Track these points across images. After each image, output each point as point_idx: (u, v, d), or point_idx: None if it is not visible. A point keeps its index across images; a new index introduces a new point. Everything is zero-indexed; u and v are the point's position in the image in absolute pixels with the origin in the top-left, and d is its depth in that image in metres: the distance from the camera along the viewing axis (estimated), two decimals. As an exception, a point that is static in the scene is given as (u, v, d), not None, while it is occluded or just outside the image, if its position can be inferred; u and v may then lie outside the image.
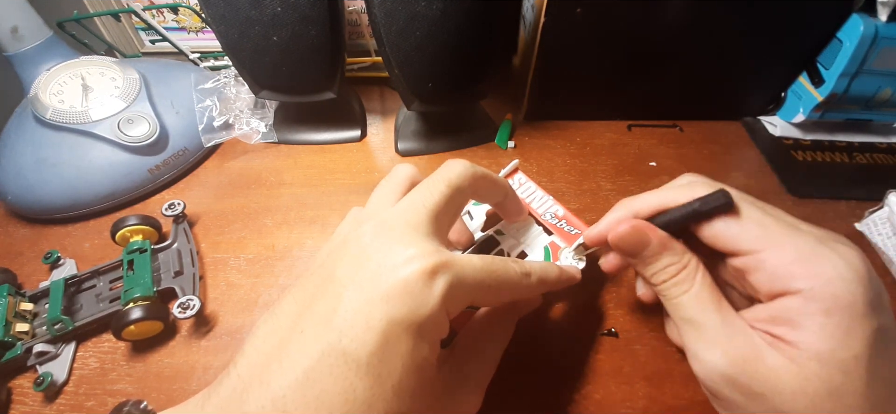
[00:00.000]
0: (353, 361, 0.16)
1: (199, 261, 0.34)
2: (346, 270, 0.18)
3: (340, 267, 0.18)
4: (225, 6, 0.34)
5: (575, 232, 0.29)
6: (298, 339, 0.17)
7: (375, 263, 0.17)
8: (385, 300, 0.16)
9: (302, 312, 0.18)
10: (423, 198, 0.20)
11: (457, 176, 0.21)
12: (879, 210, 0.34)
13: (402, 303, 0.16)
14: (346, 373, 0.16)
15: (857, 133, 0.45)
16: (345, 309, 0.16)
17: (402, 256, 0.17)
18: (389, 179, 0.23)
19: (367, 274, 0.17)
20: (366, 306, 0.16)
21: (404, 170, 0.24)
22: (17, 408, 0.27)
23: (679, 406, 0.27)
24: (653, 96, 0.45)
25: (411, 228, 0.19)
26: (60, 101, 0.37)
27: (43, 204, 0.36)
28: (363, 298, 0.17)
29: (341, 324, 0.16)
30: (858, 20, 0.37)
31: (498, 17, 0.35)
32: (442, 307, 0.17)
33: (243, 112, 0.44)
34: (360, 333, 0.16)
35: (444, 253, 0.18)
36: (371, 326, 0.16)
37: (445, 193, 0.20)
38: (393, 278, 0.17)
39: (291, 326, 0.17)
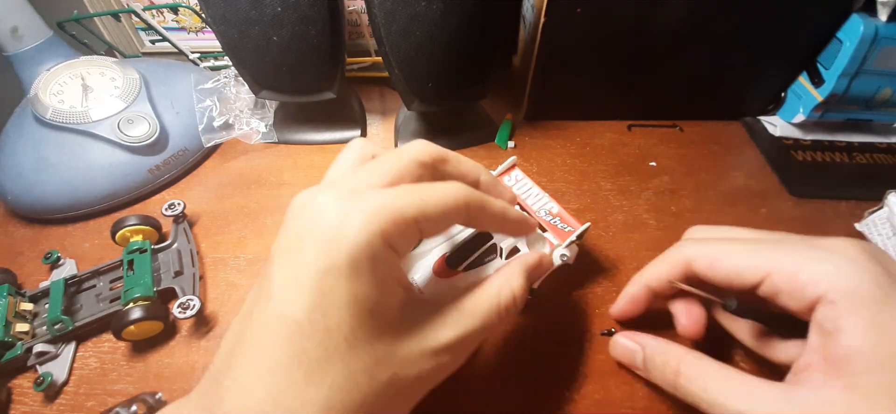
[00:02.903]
0: (294, 323, 0.16)
1: (199, 261, 0.34)
2: (275, 245, 0.18)
3: (275, 246, 0.18)
4: (225, 6, 0.34)
5: (568, 229, 0.29)
6: (248, 322, 0.17)
7: (298, 226, 0.17)
8: (308, 254, 0.16)
9: (255, 295, 0.18)
10: (374, 167, 0.19)
11: (417, 150, 0.20)
12: (879, 210, 0.34)
13: (323, 250, 0.16)
14: (291, 337, 0.16)
15: (857, 133, 0.45)
16: (277, 276, 0.16)
17: (316, 209, 0.17)
18: (342, 156, 0.22)
19: (287, 238, 0.17)
20: (292, 267, 0.16)
21: (357, 143, 0.22)
22: (17, 408, 0.27)
23: (679, 406, 0.27)
24: (653, 96, 0.45)
25: (346, 190, 0.18)
26: (60, 101, 0.37)
27: (43, 204, 0.36)
28: (289, 260, 0.17)
29: (276, 291, 0.16)
30: (858, 20, 0.37)
31: (498, 17, 0.35)
32: (364, 240, 0.16)
33: (243, 112, 0.44)
34: (293, 295, 0.16)
35: (357, 189, 0.17)
36: (301, 283, 0.16)
37: (399, 163, 0.19)
38: (310, 231, 0.16)
39: (247, 311, 0.18)
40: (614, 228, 0.36)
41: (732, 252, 0.22)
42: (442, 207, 0.18)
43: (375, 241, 0.16)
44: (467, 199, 0.19)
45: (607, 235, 0.35)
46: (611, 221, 0.37)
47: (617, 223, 0.36)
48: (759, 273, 0.20)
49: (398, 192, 0.17)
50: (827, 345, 0.18)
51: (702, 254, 0.23)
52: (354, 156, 0.21)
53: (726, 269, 0.22)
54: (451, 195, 0.18)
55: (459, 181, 0.20)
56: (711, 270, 0.22)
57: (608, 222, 0.36)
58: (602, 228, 0.36)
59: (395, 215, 0.17)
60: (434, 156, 0.20)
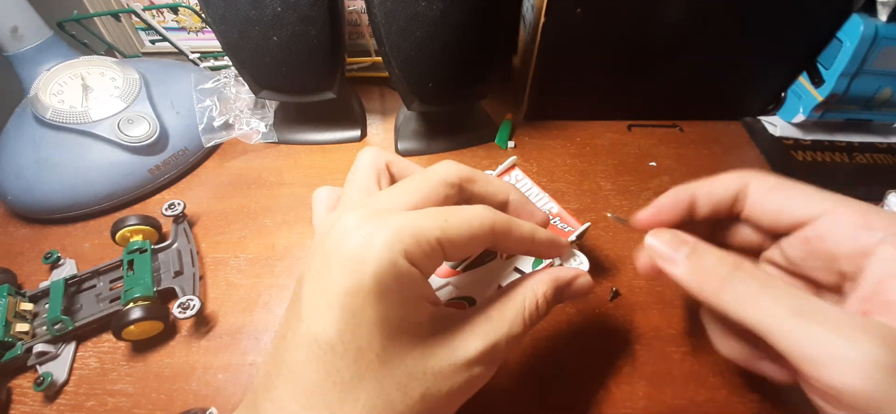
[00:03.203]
0: (326, 344, 0.16)
1: (199, 261, 0.34)
2: (305, 267, 0.18)
3: (305, 268, 0.18)
4: (225, 6, 0.34)
5: (568, 229, 0.29)
6: (282, 343, 0.17)
7: (325, 247, 0.17)
8: (335, 276, 0.16)
9: (287, 318, 0.18)
10: (396, 189, 0.19)
11: (444, 171, 0.20)
12: (879, 210, 0.34)
13: (349, 270, 0.16)
14: (324, 357, 0.16)
15: (857, 133, 0.45)
16: (307, 298, 0.17)
17: (341, 230, 0.17)
18: (356, 171, 0.22)
19: (319, 260, 0.17)
20: (321, 288, 0.16)
21: (367, 155, 0.22)
22: (17, 408, 0.27)
23: (679, 406, 0.27)
24: (653, 96, 0.45)
25: (370, 210, 0.18)
26: (60, 101, 0.37)
27: (43, 204, 0.36)
28: (318, 282, 0.17)
29: (306, 312, 0.16)
30: (858, 20, 0.37)
31: (498, 17, 0.35)
32: (388, 259, 0.16)
33: (243, 112, 0.44)
34: (324, 315, 0.16)
35: (381, 210, 0.17)
36: (330, 304, 0.16)
37: (426, 185, 0.19)
38: (336, 253, 0.16)
39: (280, 333, 0.18)
40: (614, 228, 0.36)
41: (798, 184, 0.20)
42: (466, 231, 0.18)
43: (399, 260, 0.16)
44: (493, 224, 0.19)
45: (607, 235, 0.35)
46: (610, 220, 0.37)
47: (617, 223, 0.36)
48: (824, 207, 0.19)
49: (422, 213, 0.17)
50: (887, 289, 0.17)
51: (766, 178, 0.21)
52: (368, 168, 0.21)
53: (788, 195, 0.20)
54: (476, 219, 0.18)
55: (487, 202, 0.20)
56: (774, 192, 0.21)
57: (608, 222, 0.36)
58: (602, 228, 0.36)
59: (417, 236, 0.17)
60: (461, 176, 0.20)
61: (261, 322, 0.31)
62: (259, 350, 0.29)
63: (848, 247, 0.18)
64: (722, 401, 0.27)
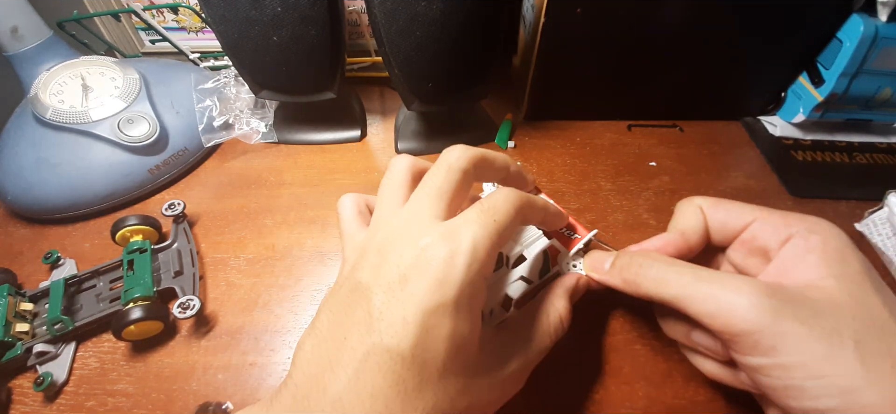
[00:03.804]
0: (397, 355, 0.17)
1: (199, 261, 0.34)
2: (368, 276, 0.19)
3: (363, 274, 0.19)
4: (225, 6, 0.34)
5: (575, 237, 0.29)
6: (343, 345, 0.18)
7: (394, 262, 0.18)
8: (413, 293, 0.17)
9: (341, 321, 0.19)
10: (429, 189, 0.21)
11: (456, 159, 0.22)
12: (879, 210, 0.34)
13: (430, 290, 0.17)
14: (393, 367, 0.17)
15: (857, 133, 0.45)
16: (379, 311, 0.18)
17: (417, 248, 0.18)
18: (391, 179, 0.23)
19: (388, 273, 0.18)
20: (397, 304, 0.17)
21: (402, 164, 0.24)
22: (17, 408, 0.27)
23: (679, 406, 0.27)
24: (653, 96, 0.45)
25: (423, 219, 0.20)
26: (60, 101, 0.37)
27: (43, 204, 0.36)
28: (391, 296, 0.18)
29: (380, 325, 0.17)
30: (858, 20, 0.37)
31: (498, 17, 0.35)
32: (468, 279, 0.18)
33: (243, 112, 0.44)
34: (399, 329, 0.17)
35: (454, 228, 0.19)
36: (407, 320, 0.17)
37: (449, 177, 0.21)
38: (414, 272, 0.18)
39: (333, 335, 0.19)
40: (614, 228, 0.36)
41: (728, 201, 0.25)
42: (510, 220, 0.20)
43: (477, 279, 0.18)
44: (521, 204, 0.21)
45: (607, 235, 0.35)
46: (611, 220, 0.37)
47: (617, 223, 0.36)
48: (753, 215, 0.23)
49: (479, 220, 0.19)
50: (790, 267, 0.21)
51: (710, 199, 0.25)
52: (405, 178, 0.23)
53: (726, 212, 0.24)
54: (513, 206, 0.21)
55: (497, 179, 0.24)
56: (715, 208, 0.25)
57: (608, 222, 0.36)
58: (602, 228, 0.36)
59: (488, 247, 0.19)
60: (473, 161, 0.22)
61: (261, 322, 0.31)
62: (259, 350, 0.29)
63: (774, 240, 0.22)
64: (722, 401, 0.27)
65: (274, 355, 0.29)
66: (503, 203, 0.20)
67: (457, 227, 0.19)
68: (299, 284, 0.33)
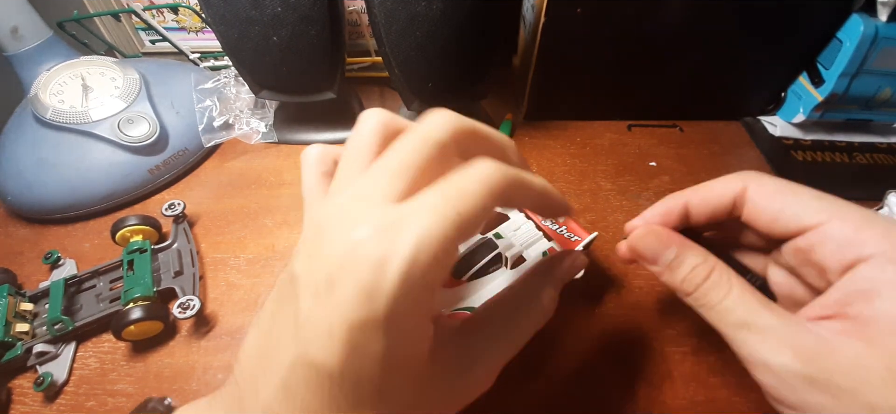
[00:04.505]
0: (325, 372, 0.15)
1: (199, 261, 0.34)
2: (301, 265, 0.16)
3: (299, 262, 0.16)
4: (225, 6, 0.34)
5: (575, 239, 0.28)
6: (275, 347, 0.16)
7: (325, 253, 0.15)
8: (339, 301, 0.14)
9: (276, 317, 0.17)
10: (390, 161, 0.16)
11: (434, 128, 0.17)
12: (879, 210, 0.34)
13: (355, 304, 0.14)
14: (322, 384, 0.15)
15: (857, 133, 0.45)
16: (304, 316, 0.15)
17: (349, 240, 0.14)
18: (357, 137, 0.18)
19: (317, 269, 0.15)
20: (322, 313, 0.14)
21: (372, 121, 0.18)
22: (17, 408, 0.27)
23: (679, 406, 0.27)
24: (653, 96, 0.45)
25: (371, 202, 0.15)
26: (60, 101, 0.37)
27: (43, 204, 0.36)
28: (317, 300, 0.15)
29: (304, 334, 0.15)
30: (858, 20, 0.37)
31: (498, 17, 0.35)
32: (404, 291, 0.14)
33: (243, 112, 0.44)
34: (324, 342, 0.14)
35: (397, 219, 0.14)
36: (332, 333, 0.14)
37: (420, 150, 0.16)
38: (341, 275, 0.14)
39: (270, 333, 0.17)
40: (614, 228, 0.36)
41: (799, 189, 0.20)
42: (481, 207, 0.15)
43: (417, 289, 0.14)
44: (504, 183, 0.16)
45: (607, 236, 0.35)
46: (611, 220, 0.37)
47: (617, 223, 0.36)
48: (819, 217, 0.19)
49: (435, 215, 0.14)
50: (856, 302, 0.17)
51: (765, 181, 0.21)
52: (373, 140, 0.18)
53: (785, 203, 0.20)
54: (487, 187, 0.15)
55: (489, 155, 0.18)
56: (773, 198, 0.20)
57: (608, 222, 0.36)
58: (602, 229, 0.36)
59: (436, 252, 0.14)
60: (455, 133, 0.17)
61: (261, 322, 0.31)
62: (259, 350, 0.29)
63: (836, 262, 0.18)
64: (722, 401, 0.27)
65: (274, 355, 0.29)
66: (474, 185, 0.15)
67: (401, 218, 0.14)
68: (299, 284, 0.33)
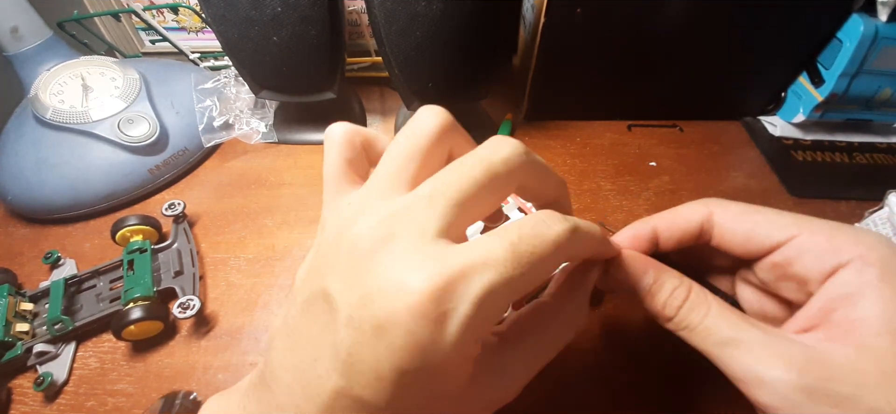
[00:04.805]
0: (372, 407, 0.15)
1: (199, 261, 0.34)
2: (338, 289, 0.15)
3: (333, 286, 0.15)
4: (225, 6, 0.34)
5: None
6: (312, 368, 0.15)
7: (369, 287, 0.14)
8: (390, 349, 0.14)
9: (309, 332, 0.16)
10: (448, 187, 0.15)
11: (502, 161, 0.16)
12: (879, 210, 0.34)
13: (409, 355, 0.14)
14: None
15: (857, 133, 0.45)
16: (346, 351, 0.14)
17: (403, 285, 0.14)
18: (409, 140, 0.18)
19: (359, 304, 0.14)
20: (369, 352, 0.14)
21: (430, 123, 0.18)
22: (17, 408, 0.27)
23: (679, 406, 0.27)
24: (653, 96, 0.45)
25: (421, 237, 0.15)
26: (60, 101, 0.37)
27: (43, 204, 0.36)
28: (363, 339, 0.14)
29: (349, 370, 0.14)
30: (858, 20, 0.37)
31: (498, 17, 0.35)
32: (462, 343, 0.14)
33: (243, 112, 0.44)
34: (372, 382, 0.14)
35: (459, 272, 0.14)
36: (381, 376, 0.14)
37: (481, 182, 0.16)
38: (392, 321, 0.14)
39: (302, 347, 0.16)
40: (614, 229, 0.36)
41: (764, 209, 0.20)
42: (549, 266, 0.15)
43: (471, 345, 0.15)
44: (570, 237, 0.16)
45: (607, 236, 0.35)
46: (611, 220, 0.37)
47: (617, 223, 0.36)
48: (789, 232, 0.19)
49: (502, 270, 0.14)
50: (838, 309, 0.17)
51: (729, 205, 0.21)
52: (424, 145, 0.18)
53: (754, 222, 0.20)
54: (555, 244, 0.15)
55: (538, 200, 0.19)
56: (740, 219, 0.21)
57: (608, 222, 0.37)
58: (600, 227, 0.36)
59: (498, 308, 0.14)
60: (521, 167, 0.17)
61: (261, 322, 0.31)
62: (259, 350, 0.29)
63: (816, 271, 0.18)
64: (722, 401, 0.27)
65: (274, 355, 0.29)
66: (544, 243, 0.15)
67: (462, 271, 0.14)
68: (299, 284, 0.33)
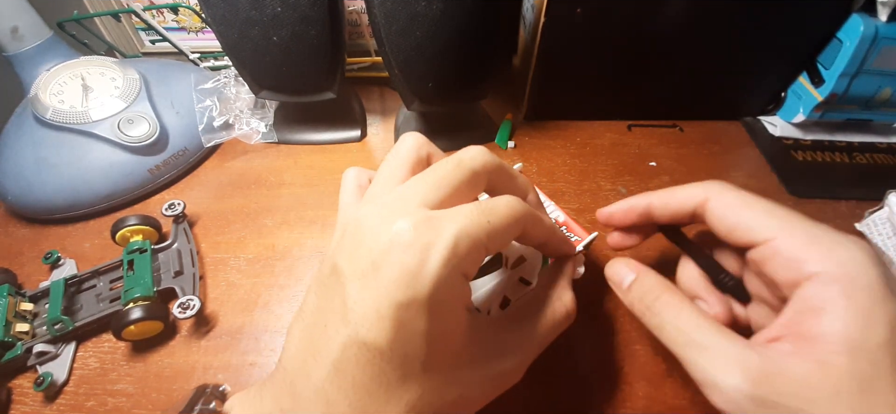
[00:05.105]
0: (375, 349, 0.16)
1: (199, 261, 0.34)
2: (345, 259, 0.18)
3: (341, 256, 0.18)
4: (225, 6, 0.34)
5: (575, 239, 0.29)
6: (323, 334, 0.18)
7: (367, 246, 0.17)
8: (385, 285, 0.16)
9: (322, 306, 0.18)
10: (428, 176, 0.19)
11: (470, 157, 0.20)
12: (879, 210, 0.34)
13: (402, 285, 0.16)
14: (372, 360, 0.17)
15: (857, 133, 0.45)
16: (353, 301, 0.17)
17: (391, 233, 0.17)
18: (395, 156, 0.22)
19: (362, 260, 0.17)
20: (370, 295, 0.16)
21: (409, 142, 0.22)
22: (18, 408, 0.27)
23: (679, 406, 0.27)
24: (653, 96, 0.45)
25: (410, 204, 0.18)
26: (60, 102, 0.37)
27: (43, 204, 0.36)
28: (364, 283, 0.17)
29: (354, 317, 0.17)
30: (858, 20, 0.37)
31: (498, 17, 0.35)
32: (443, 275, 0.16)
33: (243, 112, 0.44)
34: (374, 323, 0.16)
35: (437, 217, 0.17)
36: (381, 314, 0.16)
37: (455, 172, 0.19)
38: (386, 260, 0.16)
39: (316, 322, 0.18)
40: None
41: (755, 204, 0.21)
42: (507, 225, 0.19)
43: (454, 275, 0.17)
44: (525, 216, 0.20)
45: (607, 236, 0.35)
46: (611, 221, 0.37)
47: (617, 223, 0.36)
48: (769, 233, 0.20)
49: (469, 216, 0.18)
50: (805, 321, 0.18)
51: (726, 193, 0.22)
52: (409, 158, 0.22)
53: (740, 217, 0.21)
54: (514, 213, 0.19)
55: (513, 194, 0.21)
56: (729, 211, 0.21)
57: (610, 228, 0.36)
58: (602, 229, 0.36)
59: (470, 246, 0.17)
60: (490, 167, 0.20)
61: (261, 322, 0.31)
62: (259, 350, 0.29)
63: (784, 277, 0.19)
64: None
65: (274, 355, 0.29)
66: (503, 208, 0.19)
67: (440, 217, 0.17)
68: (299, 284, 0.33)
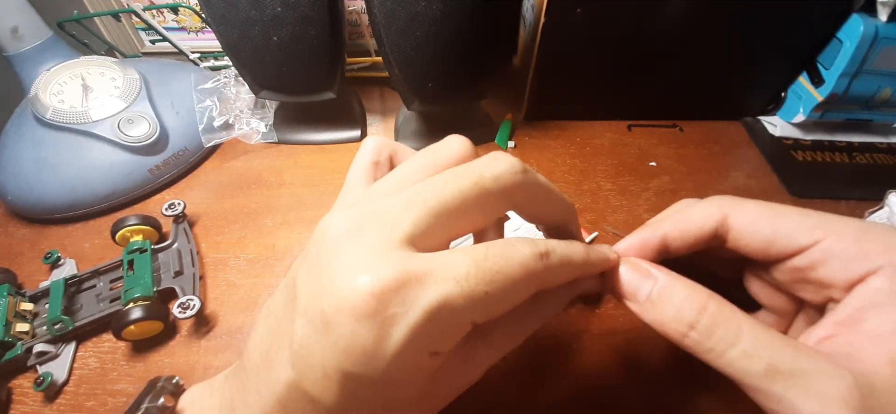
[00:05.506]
0: (320, 405, 0.15)
1: (199, 261, 0.34)
2: (302, 280, 0.15)
3: (301, 271, 0.15)
4: (225, 6, 0.34)
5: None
6: (276, 356, 0.15)
7: (323, 283, 0.14)
8: (333, 350, 0.13)
9: (280, 316, 0.16)
10: (430, 194, 0.15)
11: (493, 178, 0.15)
12: (879, 210, 0.34)
13: (351, 359, 0.13)
14: (315, 409, 0.15)
15: (857, 133, 0.45)
16: (298, 345, 0.14)
17: (350, 287, 0.13)
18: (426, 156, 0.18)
19: (314, 300, 0.14)
20: (318, 350, 0.14)
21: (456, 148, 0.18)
22: (18, 408, 0.27)
23: (679, 406, 0.27)
24: (653, 96, 0.45)
25: (386, 238, 0.14)
26: (60, 101, 0.37)
27: (43, 204, 0.36)
28: (312, 331, 0.14)
29: (300, 363, 0.14)
30: (858, 20, 0.37)
31: (498, 17, 0.35)
32: (405, 360, 0.13)
33: (243, 112, 0.44)
34: (319, 379, 0.14)
35: (411, 278, 0.13)
36: (328, 374, 0.14)
37: (467, 195, 0.15)
38: (338, 321, 0.13)
39: (274, 331, 0.16)
40: (622, 232, 0.36)
41: (784, 210, 0.18)
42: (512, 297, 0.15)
43: (421, 357, 0.14)
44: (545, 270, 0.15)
45: (607, 236, 0.35)
46: (611, 221, 0.37)
47: (617, 223, 0.36)
48: (815, 235, 0.17)
49: (461, 286, 0.13)
50: (868, 318, 0.15)
51: (747, 207, 0.19)
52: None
53: (775, 226, 0.18)
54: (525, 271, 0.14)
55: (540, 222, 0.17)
56: (760, 223, 0.18)
57: (608, 222, 0.36)
58: (601, 229, 0.36)
59: (450, 325, 0.14)
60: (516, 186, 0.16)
61: (261, 322, 0.31)
62: (259, 350, 0.29)
63: (841, 278, 0.17)
64: (722, 401, 0.27)
65: (274, 355, 0.29)
66: (514, 270, 0.14)
67: (420, 275, 0.13)
68: (299, 284, 0.33)
